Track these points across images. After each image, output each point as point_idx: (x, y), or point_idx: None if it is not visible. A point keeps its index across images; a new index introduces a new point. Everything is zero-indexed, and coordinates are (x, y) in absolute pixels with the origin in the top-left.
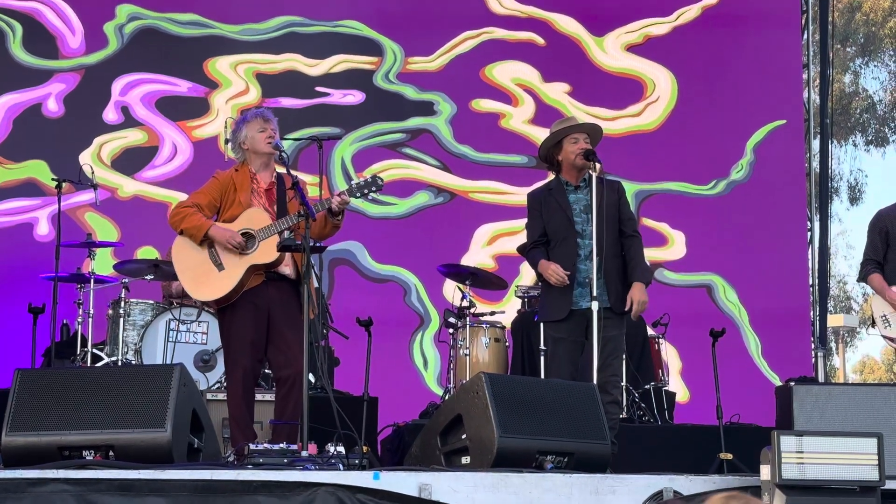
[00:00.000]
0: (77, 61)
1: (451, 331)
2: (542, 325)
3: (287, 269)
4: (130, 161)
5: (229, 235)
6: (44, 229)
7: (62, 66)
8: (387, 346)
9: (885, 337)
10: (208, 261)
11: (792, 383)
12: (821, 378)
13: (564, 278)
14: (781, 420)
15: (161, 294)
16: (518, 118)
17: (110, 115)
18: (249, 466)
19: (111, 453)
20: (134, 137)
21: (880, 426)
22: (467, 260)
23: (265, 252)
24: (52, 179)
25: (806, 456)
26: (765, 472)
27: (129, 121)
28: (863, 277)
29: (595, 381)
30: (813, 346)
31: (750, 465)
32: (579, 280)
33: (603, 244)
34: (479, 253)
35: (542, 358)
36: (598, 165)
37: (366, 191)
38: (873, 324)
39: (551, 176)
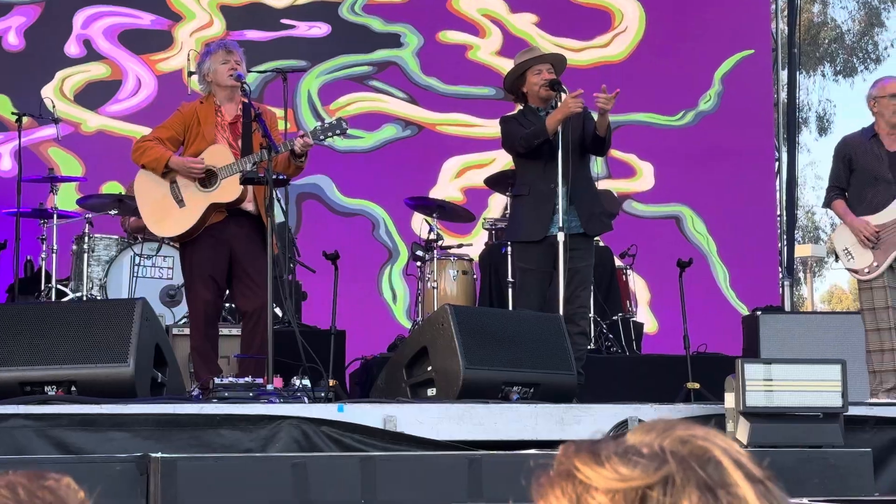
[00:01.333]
0: None
1: (418, 264)
2: (509, 257)
3: (249, 205)
4: (94, 95)
5: (189, 163)
6: (6, 164)
7: (20, 0)
8: (355, 280)
9: (848, 269)
10: (169, 196)
11: (758, 313)
12: (787, 308)
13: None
14: (748, 349)
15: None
16: (485, 50)
17: (72, 48)
18: (214, 400)
19: (73, 388)
20: (97, 71)
21: (845, 353)
22: (435, 193)
23: (227, 190)
24: (13, 114)
25: (771, 384)
26: (729, 399)
27: (92, 54)
28: (827, 203)
29: (562, 313)
30: (780, 275)
31: (717, 395)
32: (550, 202)
33: (569, 172)
34: (448, 186)
35: (510, 290)
36: (563, 95)
37: (330, 133)
38: (837, 258)
39: (519, 107)
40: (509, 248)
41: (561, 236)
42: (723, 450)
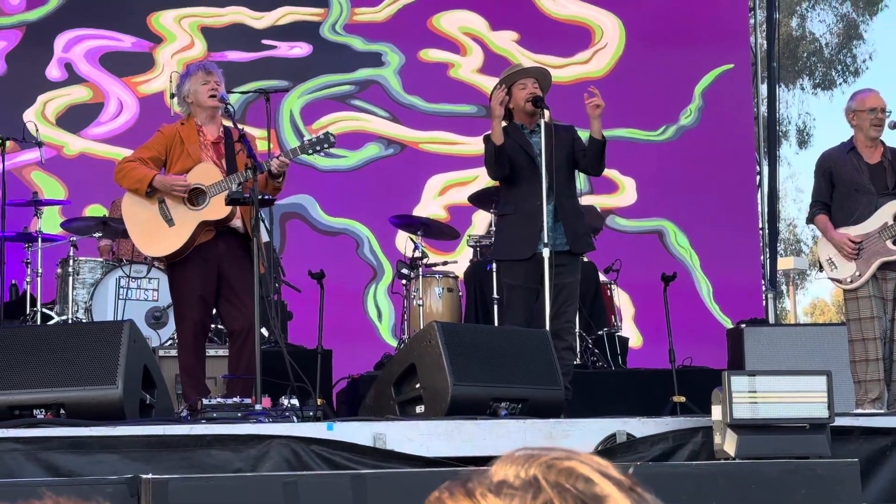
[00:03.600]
0: (18, 18)
1: (404, 282)
2: (494, 274)
3: (237, 222)
4: (76, 118)
5: (173, 181)
6: None
7: (2, 24)
8: (340, 298)
9: (831, 279)
10: (158, 216)
11: (743, 325)
12: (771, 320)
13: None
14: (733, 361)
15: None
16: (467, 67)
17: (54, 72)
18: (203, 421)
19: (62, 411)
20: (78, 94)
21: (829, 365)
22: (419, 211)
23: (217, 208)
24: None
25: (757, 395)
26: (716, 412)
27: (73, 77)
28: (810, 219)
29: (549, 328)
30: (764, 288)
31: (702, 407)
32: (534, 219)
33: (553, 188)
34: (431, 204)
35: (495, 307)
36: (546, 112)
37: (318, 147)
38: (821, 268)
39: (504, 124)
40: (494, 265)
41: (546, 252)
42: (589, 465)
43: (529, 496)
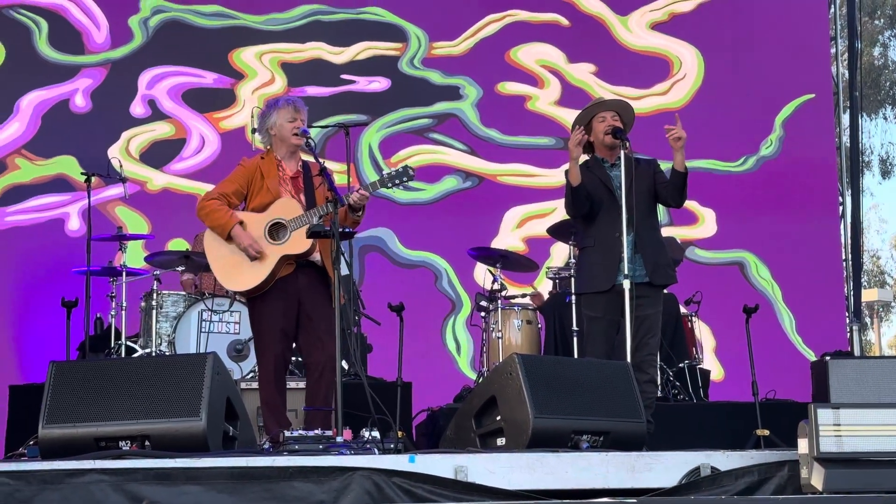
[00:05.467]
0: (103, 56)
1: (483, 314)
2: (573, 306)
3: (317, 256)
4: (159, 154)
5: (249, 243)
6: (75, 224)
7: (88, 62)
8: (419, 331)
9: None
10: (239, 251)
11: (828, 357)
12: (856, 352)
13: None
14: (818, 394)
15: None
16: (544, 100)
17: (137, 108)
18: (285, 453)
19: (147, 443)
20: (161, 130)
21: None
22: (497, 243)
23: (297, 242)
24: (82, 174)
25: (843, 428)
26: (802, 445)
27: (157, 114)
28: None
29: (630, 360)
30: (847, 320)
31: (786, 441)
32: (616, 251)
33: (633, 220)
34: (509, 236)
35: (574, 338)
36: (627, 144)
37: (397, 181)
38: None
39: (585, 157)
40: (573, 298)
41: (627, 284)
42: None
43: None
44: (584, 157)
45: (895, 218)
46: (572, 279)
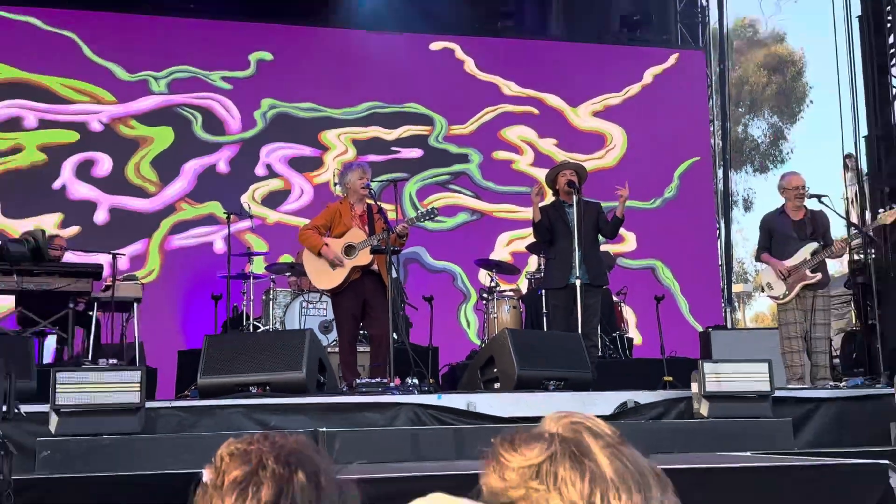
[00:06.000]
0: (237, 136)
1: (484, 302)
2: (543, 297)
3: (375, 267)
4: (273, 200)
5: (333, 257)
6: (219, 246)
7: (227, 140)
8: (443, 314)
9: (769, 297)
10: (325, 264)
11: (710, 329)
12: (729, 326)
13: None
14: (704, 353)
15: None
16: (523, 163)
17: (259, 170)
18: (356, 394)
19: (268, 388)
20: (275, 184)
21: (769, 355)
22: (494, 256)
23: (363, 257)
24: (224, 213)
25: (721, 376)
26: (694, 387)
27: (272, 173)
28: (757, 257)
29: (580, 332)
30: (723, 304)
31: (684, 384)
32: (571, 262)
33: (582, 241)
34: (501, 251)
35: (544, 318)
36: (579, 192)
37: (427, 217)
38: (762, 290)
39: (551, 198)
40: (543, 292)
41: (577, 283)
42: (587, 428)
43: (544, 448)
44: (551, 199)
45: (753, 237)
46: (541, 280)
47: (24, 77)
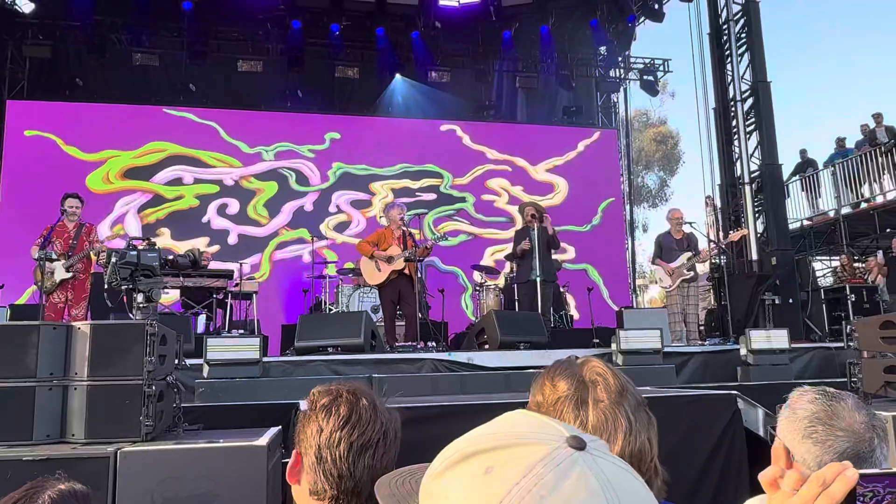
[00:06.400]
0: (317, 187)
1: (477, 293)
2: (516, 287)
3: (407, 270)
4: (340, 227)
5: (378, 257)
6: (306, 258)
7: (311, 189)
8: (451, 300)
9: (660, 286)
10: (375, 267)
11: (622, 309)
12: (634, 306)
13: None
14: (619, 324)
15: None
16: (502, 202)
17: (331, 208)
18: (395, 352)
19: (339, 348)
20: (341, 218)
21: (660, 325)
22: (483, 262)
23: (399, 264)
24: (309, 236)
25: (629, 338)
26: (613, 346)
27: (339, 211)
28: (653, 262)
29: (540, 312)
30: (630, 292)
31: (606, 345)
32: (533, 266)
33: (541, 253)
34: (488, 259)
35: (517, 304)
36: (540, 222)
37: (439, 240)
38: (656, 282)
39: (519, 224)
40: (515, 285)
41: (539, 279)
42: (593, 372)
43: (571, 384)
44: (522, 224)
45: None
46: (514, 277)
47: (185, 151)
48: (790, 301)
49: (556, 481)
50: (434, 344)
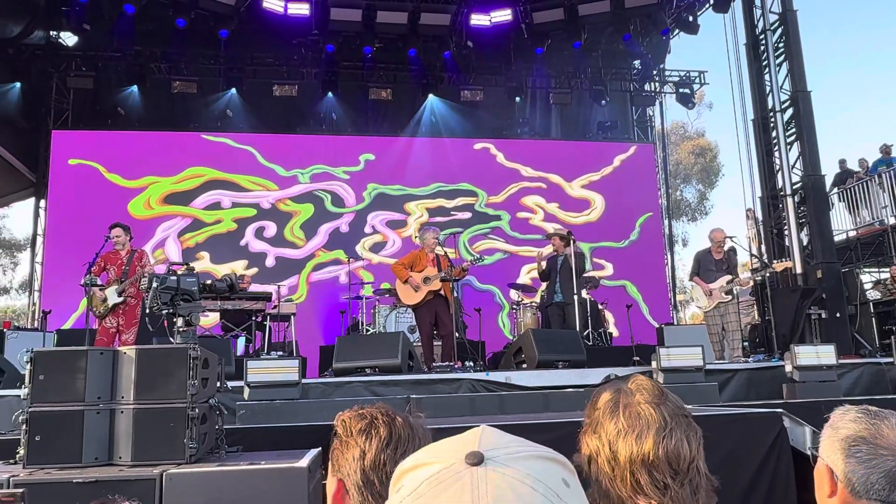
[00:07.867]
0: (352, 208)
1: (514, 311)
2: (548, 307)
3: (443, 291)
4: (376, 247)
5: (416, 284)
6: (343, 279)
7: (346, 210)
8: (488, 319)
9: (697, 307)
10: (411, 289)
11: (663, 326)
12: (675, 323)
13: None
14: (659, 342)
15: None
16: (537, 219)
17: (367, 229)
18: (433, 372)
19: (377, 369)
20: (376, 238)
21: (701, 342)
22: (520, 280)
23: (435, 284)
24: (346, 257)
25: (671, 355)
26: (654, 364)
27: (375, 231)
28: (690, 278)
29: (577, 330)
30: (671, 309)
31: (646, 362)
32: (555, 290)
33: (559, 277)
34: (524, 277)
35: (550, 322)
36: (566, 248)
37: (476, 262)
38: (692, 300)
39: (550, 247)
40: (547, 306)
41: (559, 299)
42: (637, 384)
43: (614, 397)
44: (551, 250)
45: (690, 263)
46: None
47: (223, 176)
48: (837, 315)
49: (433, 496)
50: (472, 364)
